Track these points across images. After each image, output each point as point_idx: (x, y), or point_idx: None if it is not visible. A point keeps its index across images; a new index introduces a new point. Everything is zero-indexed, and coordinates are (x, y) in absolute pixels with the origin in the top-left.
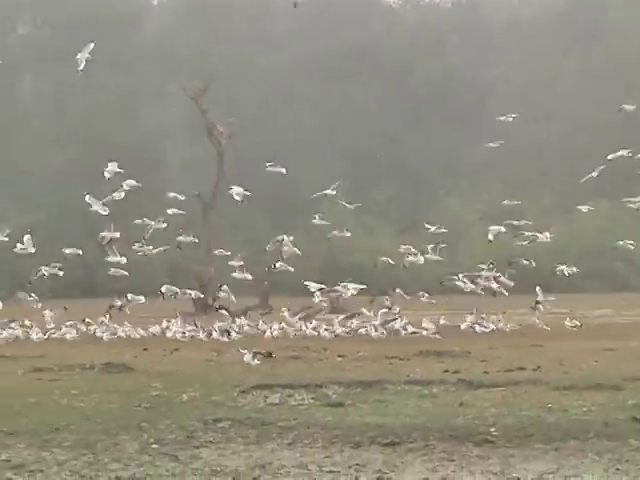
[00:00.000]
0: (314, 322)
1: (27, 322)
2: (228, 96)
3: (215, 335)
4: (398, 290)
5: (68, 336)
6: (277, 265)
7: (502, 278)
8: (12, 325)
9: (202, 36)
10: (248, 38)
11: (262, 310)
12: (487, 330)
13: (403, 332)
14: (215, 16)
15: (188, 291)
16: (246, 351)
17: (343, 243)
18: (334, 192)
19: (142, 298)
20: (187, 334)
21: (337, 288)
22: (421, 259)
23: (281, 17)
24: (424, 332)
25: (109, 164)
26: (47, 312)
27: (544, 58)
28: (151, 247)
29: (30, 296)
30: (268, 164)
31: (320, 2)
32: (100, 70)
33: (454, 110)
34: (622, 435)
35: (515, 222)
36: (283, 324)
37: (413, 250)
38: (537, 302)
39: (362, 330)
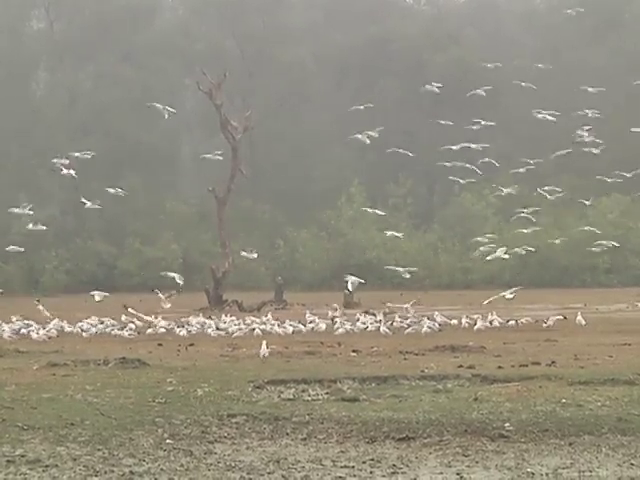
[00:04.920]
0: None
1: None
2: (243, 90)
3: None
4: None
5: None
6: None
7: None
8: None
9: (217, 30)
10: (263, 32)
11: (277, 305)
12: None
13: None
14: (230, 10)
15: None
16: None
17: (358, 238)
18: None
19: None
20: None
21: None
22: None
23: (296, 11)
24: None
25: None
26: None
27: (560, 51)
28: None
29: None
30: None
31: None
32: (114, 65)
33: (469, 104)
34: (636, 430)
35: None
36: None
37: None
38: None
39: None
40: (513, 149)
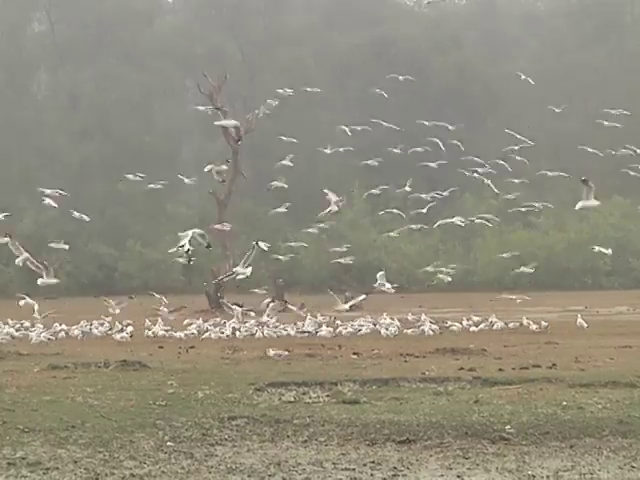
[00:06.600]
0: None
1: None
2: (244, 93)
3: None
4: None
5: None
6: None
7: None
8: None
9: (217, 32)
10: (264, 34)
11: (277, 307)
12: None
13: None
14: (230, 12)
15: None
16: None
17: (359, 240)
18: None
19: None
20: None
21: None
22: None
23: (297, 13)
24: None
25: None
26: None
27: (560, 52)
28: None
29: None
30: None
31: None
32: (115, 66)
33: (470, 106)
34: (637, 433)
35: None
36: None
37: None
38: None
39: None
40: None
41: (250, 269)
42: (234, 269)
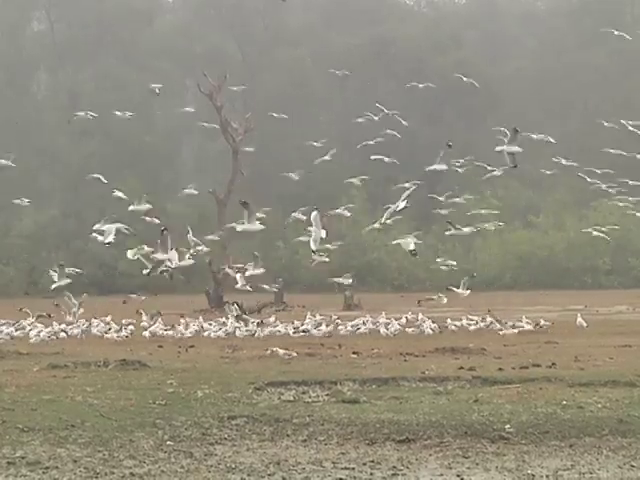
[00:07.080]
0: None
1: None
2: (244, 92)
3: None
4: None
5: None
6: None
7: None
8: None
9: (217, 32)
10: (264, 34)
11: (277, 307)
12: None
13: None
14: (230, 12)
15: None
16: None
17: (358, 239)
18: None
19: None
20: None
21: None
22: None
23: (296, 13)
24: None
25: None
26: None
27: (560, 52)
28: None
29: None
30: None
31: None
32: (115, 66)
33: (470, 106)
34: (637, 432)
35: None
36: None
37: None
38: None
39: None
40: None
41: (176, 254)
42: (154, 255)
